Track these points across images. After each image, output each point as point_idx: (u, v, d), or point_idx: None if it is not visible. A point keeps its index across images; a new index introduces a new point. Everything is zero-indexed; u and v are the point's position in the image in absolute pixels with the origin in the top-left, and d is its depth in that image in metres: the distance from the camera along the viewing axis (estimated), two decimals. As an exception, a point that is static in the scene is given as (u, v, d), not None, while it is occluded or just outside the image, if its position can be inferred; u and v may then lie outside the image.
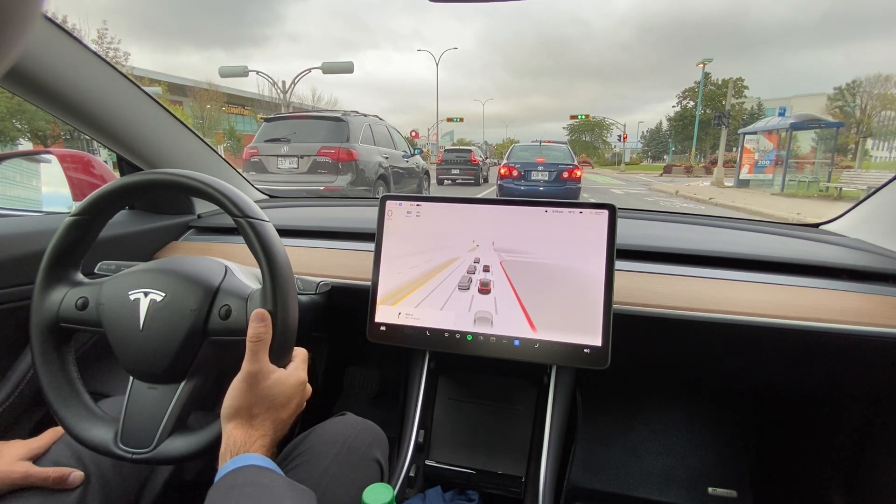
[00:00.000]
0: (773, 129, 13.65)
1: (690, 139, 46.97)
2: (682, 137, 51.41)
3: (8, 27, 0.20)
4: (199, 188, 0.55)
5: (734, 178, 15.79)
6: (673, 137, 54.29)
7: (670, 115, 54.41)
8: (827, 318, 0.75)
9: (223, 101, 31.14)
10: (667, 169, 27.08)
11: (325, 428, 0.68)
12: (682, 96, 51.55)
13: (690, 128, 46.75)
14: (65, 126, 17.40)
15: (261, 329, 0.50)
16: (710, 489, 1.20)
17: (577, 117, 37.09)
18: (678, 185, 16.81)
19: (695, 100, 48.17)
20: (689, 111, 49.61)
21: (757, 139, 14.42)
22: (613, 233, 0.75)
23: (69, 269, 0.60)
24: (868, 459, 0.95)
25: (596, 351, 0.73)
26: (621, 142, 43.47)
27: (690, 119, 47.49)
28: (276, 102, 29.76)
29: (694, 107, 48.22)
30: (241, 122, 34.98)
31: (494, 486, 0.85)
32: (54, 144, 17.56)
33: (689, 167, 26.29)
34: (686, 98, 50.69)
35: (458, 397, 0.95)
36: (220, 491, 0.42)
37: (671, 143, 55.08)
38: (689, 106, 50.06)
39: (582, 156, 54.87)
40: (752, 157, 14.68)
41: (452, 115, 38.19)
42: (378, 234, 0.84)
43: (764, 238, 1.00)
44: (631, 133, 67.28)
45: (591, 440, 1.29)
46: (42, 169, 1.27)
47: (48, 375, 0.57)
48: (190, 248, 1.08)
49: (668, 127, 60.47)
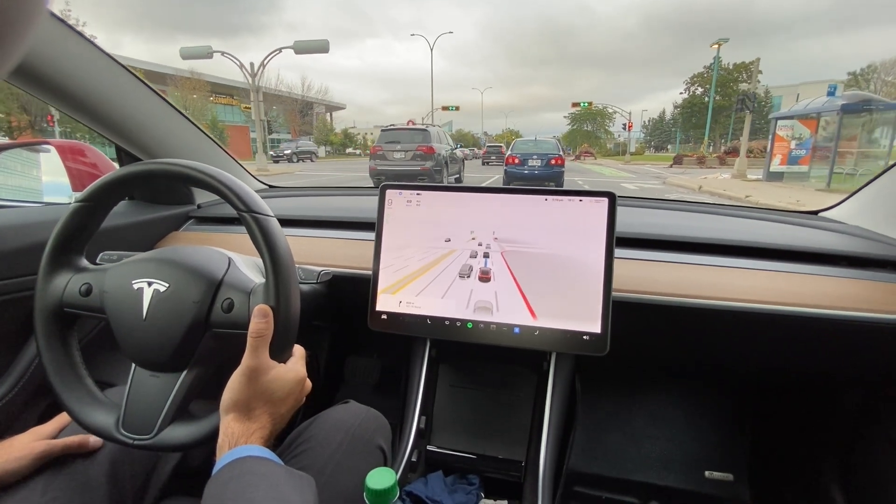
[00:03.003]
0: (816, 112, 11.21)
1: (699, 127, 44.88)
2: (689, 126, 48.47)
3: (15, 25, 0.20)
4: (204, 180, 0.55)
5: (763, 170, 13.26)
6: (680, 126, 51.01)
7: (677, 103, 51.61)
8: (825, 304, 0.75)
9: (207, 90, 30.29)
10: (677, 160, 24.25)
11: (329, 416, 0.69)
12: (689, 82, 48.13)
13: (699, 115, 44.27)
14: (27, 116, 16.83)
15: (262, 325, 0.51)
16: (707, 473, 1.21)
17: (579, 105, 33.91)
18: (693, 177, 14.64)
19: (704, 85, 45.76)
20: (697, 98, 46.54)
21: (791, 125, 12.15)
22: (613, 221, 0.75)
23: (73, 255, 0.60)
24: (863, 444, 0.97)
25: (595, 337, 0.74)
26: (626, 130, 40.49)
27: (700, 106, 44.93)
28: (264, 92, 28.38)
29: (703, 93, 45.74)
30: (227, 113, 33.95)
31: (495, 470, 0.86)
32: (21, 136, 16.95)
33: (701, 158, 23.64)
34: (694, 84, 47.57)
35: (458, 384, 0.96)
36: (218, 482, 0.43)
37: (678, 132, 51.73)
38: (697, 92, 47.15)
39: (584, 146, 52.53)
40: (786, 146, 12.22)
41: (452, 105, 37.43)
42: (378, 224, 0.84)
43: (763, 225, 1.00)
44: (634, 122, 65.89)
45: (590, 425, 1.30)
46: (41, 159, 1.27)
47: (52, 360, 0.57)
48: (190, 239, 1.09)
49: (671, 115, 58.11)
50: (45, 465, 0.56)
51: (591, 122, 66.54)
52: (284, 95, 38.02)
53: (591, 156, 45.03)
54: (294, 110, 41.82)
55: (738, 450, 1.24)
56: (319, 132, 43.38)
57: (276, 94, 36.35)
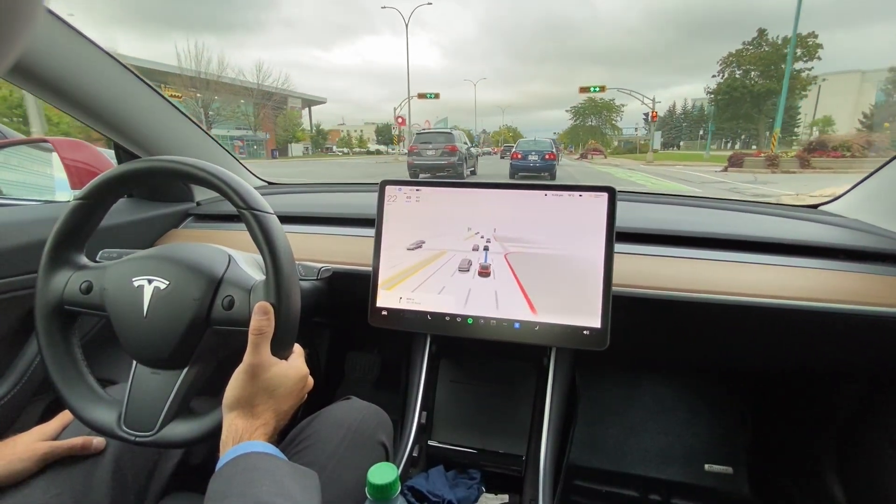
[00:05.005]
0: None
1: (738, 119, 38.15)
2: (726, 117, 39.52)
3: (12, 22, 0.20)
4: (204, 177, 0.55)
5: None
6: (713, 118, 41.42)
7: (710, 88, 40.78)
8: (825, 298, 0.75)
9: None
10: (734, 161, 17.40)
11: (331, 412, 0.69)
12: (725, 63, 38.36)
13: (743, 103, 36.61)
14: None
15: (263, 322, 0.51)
16: (707, 466, 1.22)
17: (588, 90, 29.46)
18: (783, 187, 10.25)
19: (745, 65, 36.30)
20: (738, 81, 36.98)
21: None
22: (613, 216, 0.75)
23: (73, 252, 0.60)
24: (861, 437, 0.97)
25: (595, 332, 0.74)
26: (650, 122, 33.14)
27: (743, 91, 36.33)
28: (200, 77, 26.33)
29: (744, 75, 36.52)
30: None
31: (496, 464, 0.87)
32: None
33: (772, 158, 16.17)
34: (730, 65, 38.09)
35: (459, 379, 0.97)
36: (222, 478, 0.43)
37: (711, 124, 41.79)
38: (737, 74, 37.56)
39: (591, 143, 48.44)
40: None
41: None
42: (378, 220, 0.84)
43: (763, 219, 1.00)
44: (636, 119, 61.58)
45: (590, 420, 1.31)
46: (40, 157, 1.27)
47: (53, 358, 0.57)
48: (190, 236, 1.09)
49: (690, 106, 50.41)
50: (48, 465, 0.57)
51: (597, 117, 61.66)
52: (235, 84, 31.47)
53: (601, 154, 39.96)
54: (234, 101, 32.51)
55: (737, 443, 1.25)
56: (283, 128, 38.20)
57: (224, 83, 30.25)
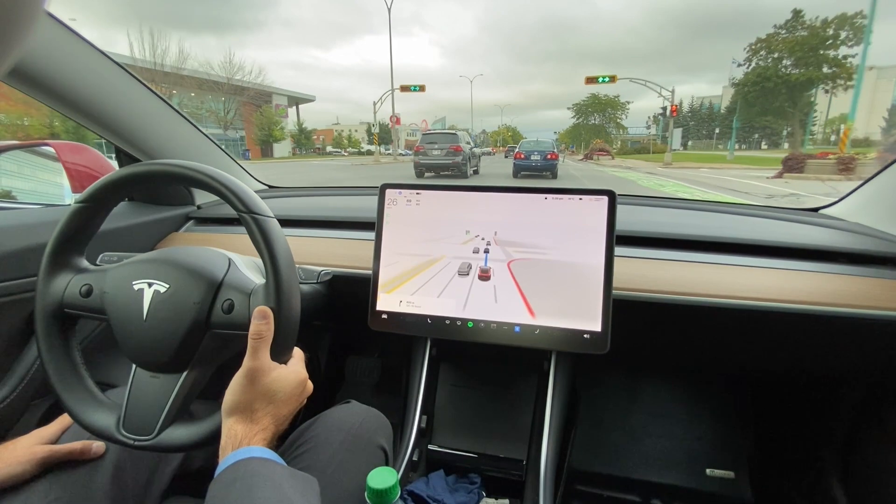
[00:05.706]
0: None
1: (770, 113, 32.29)
2: (758, 111, 33.01)
3: (12, 25, 0.20)
4: (204, 180, 0.55)
5: None
6: (739, 114, 35.21)
7: (735, 79, 35.28)
8: (825, 301, 0.75)
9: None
10: (791, 164, 13.20)
11: (330, 416, 0.69)
12: (753, 49, 32.11)
13: (777, 95, 30.66)
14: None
15: (263, 326, 0.51)
16: (709, 470, 1.22)
17: (596, 80, 23.97)
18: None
19: (777, 50, 30.42)
20: (770, 70, 30.85)
21: None
22: (613, 219, 0.75)
23: (74, 256, 0.60)
24: (864, 441, 0.97)
25: (596, 336, 0.74)
26: (668, 116, 28.06)
27: (778, 81, 30.11)
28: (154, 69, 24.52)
29: (776, 60, 30.75)
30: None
31: (496, 469, 0.86)
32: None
33: (846, 161, 11.68)
34: (759, 52, 31.91)
35: (459, 383, 0.96)
36: (221, 484, 0.43)
37: (736, 121, 35.93)
38: (769, 61, 31.64)
39: (597, 142, 44.79)
40: None
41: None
42: (378, 223, 0.84)
43: (763, 223, 1.00)
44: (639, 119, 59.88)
45: (590, 423, 1.30)
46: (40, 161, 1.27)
47: (53, 361, 0.57)
48: (190, 240, 1.09)
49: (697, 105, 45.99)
50: (47, 468, 0.56)
51: (600, 115, 58.35)
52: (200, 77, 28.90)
53: (608, 154, 35.39)
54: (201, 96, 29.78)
55: (739, 447, 1.24)
56: (259, 126, 34.62)
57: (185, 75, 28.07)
